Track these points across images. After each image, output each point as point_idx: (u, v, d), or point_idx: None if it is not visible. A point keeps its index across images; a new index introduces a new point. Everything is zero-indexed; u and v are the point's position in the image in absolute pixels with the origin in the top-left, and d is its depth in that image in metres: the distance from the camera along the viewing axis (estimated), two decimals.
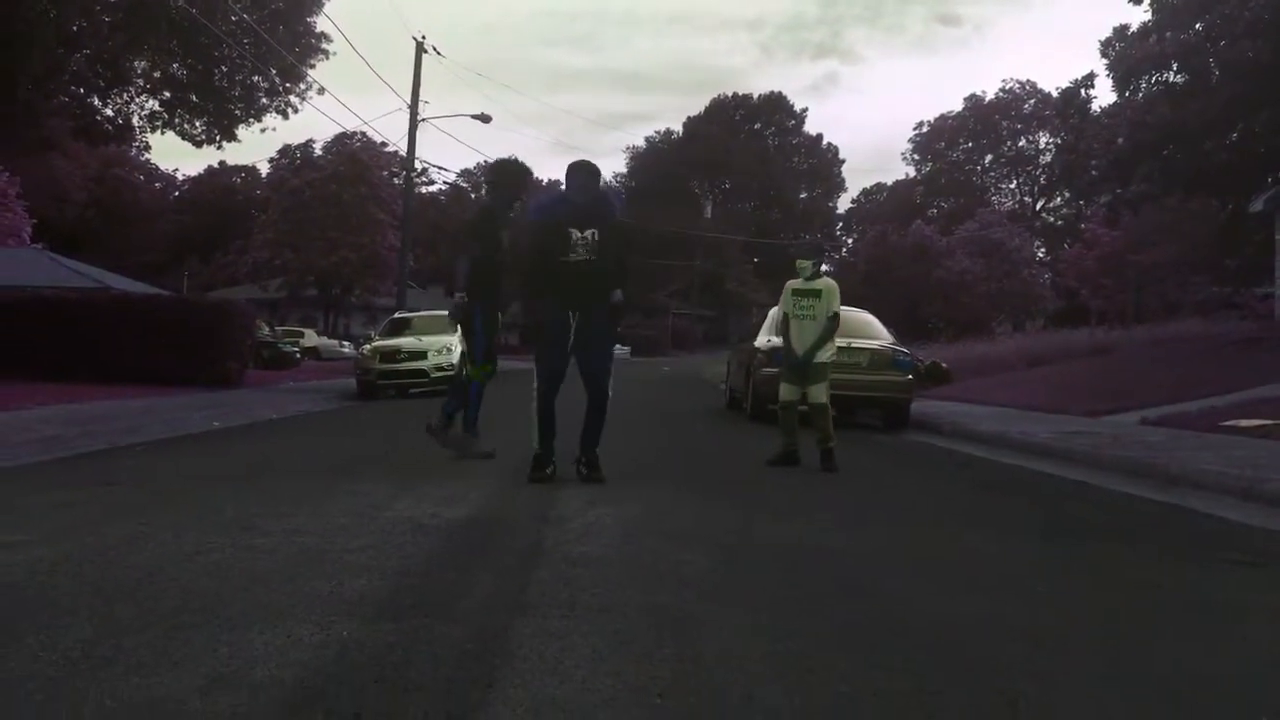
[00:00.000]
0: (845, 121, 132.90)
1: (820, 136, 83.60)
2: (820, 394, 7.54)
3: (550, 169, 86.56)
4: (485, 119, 30.12)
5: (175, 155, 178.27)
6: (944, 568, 3.97)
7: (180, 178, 73.27)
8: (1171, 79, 22.99)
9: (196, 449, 8.33)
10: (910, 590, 3.52)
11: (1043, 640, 2.89)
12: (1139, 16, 23.41)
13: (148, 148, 54.20)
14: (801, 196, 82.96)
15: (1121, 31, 25.16)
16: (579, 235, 6.24)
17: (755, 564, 3.92)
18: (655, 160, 77.90)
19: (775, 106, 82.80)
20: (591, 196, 6.37)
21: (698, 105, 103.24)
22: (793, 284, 7.77)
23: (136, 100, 23.90)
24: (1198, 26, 22.13)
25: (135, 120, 24.12)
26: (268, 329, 31.71)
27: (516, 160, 8.14)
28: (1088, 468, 7.78)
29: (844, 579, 3.69)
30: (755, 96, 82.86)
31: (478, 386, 7.39)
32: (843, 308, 7.91)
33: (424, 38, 28.93)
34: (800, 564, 3.95)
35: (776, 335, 12.39)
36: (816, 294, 7.60)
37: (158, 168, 70.07)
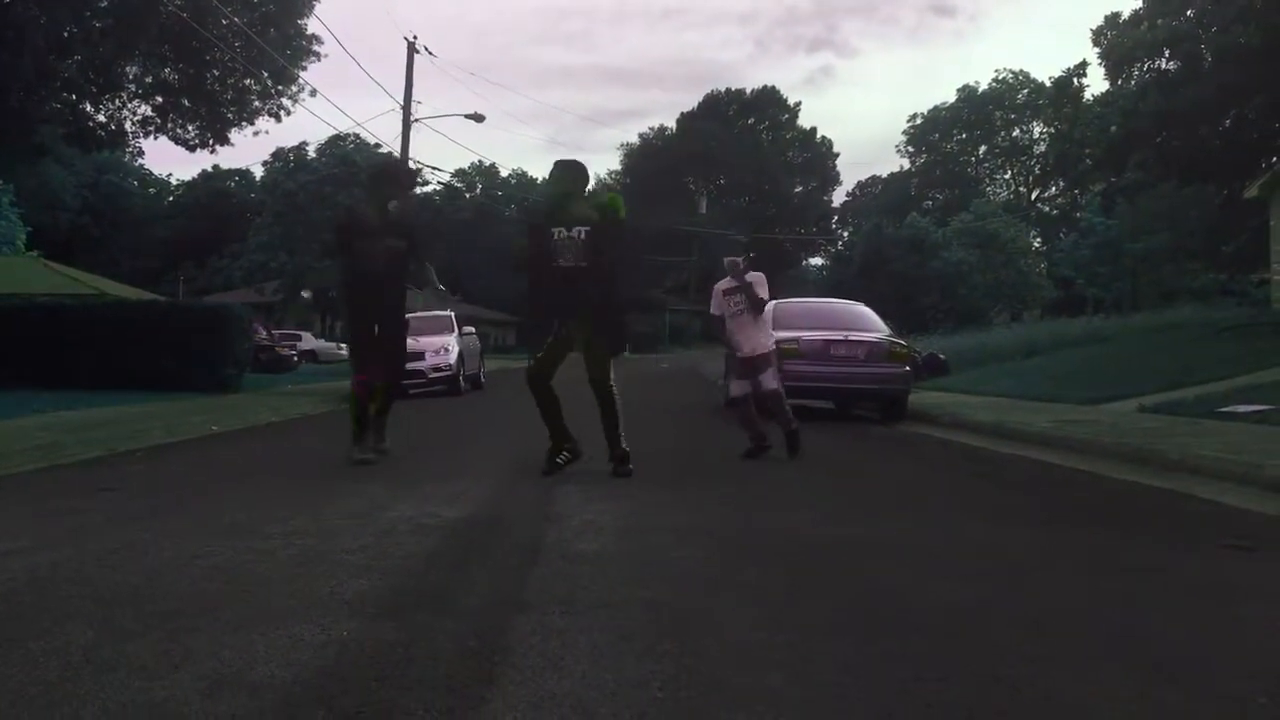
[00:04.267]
0: (840, 114, 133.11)
1: (814, 130, 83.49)
2: (770, 380, 7.63)
3: (544, 167, 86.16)
4: (478, 118, 30.09)
5: (169, 160, 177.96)
6: (943, 556, 3.97)
7: (174, 182, 73.17)
8: (1164, 66, 23.02)
9: (195, 454, 8.32)
10: (909, 579, 3.52)
11: (1042, 626, 2.90)
12: (1131, 4, 23.54)
13: (141, 153, 54.22)
14: (796, 190, 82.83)
15: (1113, 19, 25.21)
16: (564, 235, 6.19)
17: (754, 557, 3.93)
18: (650, 157, 77.81)
19: (768, 101, 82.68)
20: (573, 193, 6.35)
21: (691, 101, 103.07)
22: (721, 285, 7.94)
23: (129, 105, 23.79)
24: (1189, 13, 22.17)
25: (128, 125, 24.00)
26: (265, 333, 31.70)
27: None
28: (1086, 455, 7.79)
29: (843, 570, 3.70)
30: (748, 91, 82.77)
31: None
32: (841, 300, 8.03)
33: (415, 38, 28.92)
34: (799, 556, 3.96)
35: (774, 330, 12.42)
36: (747, 287, 7.68)
37: (151, 173, 70.06)
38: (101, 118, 23.24)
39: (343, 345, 40.68)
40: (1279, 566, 3.95)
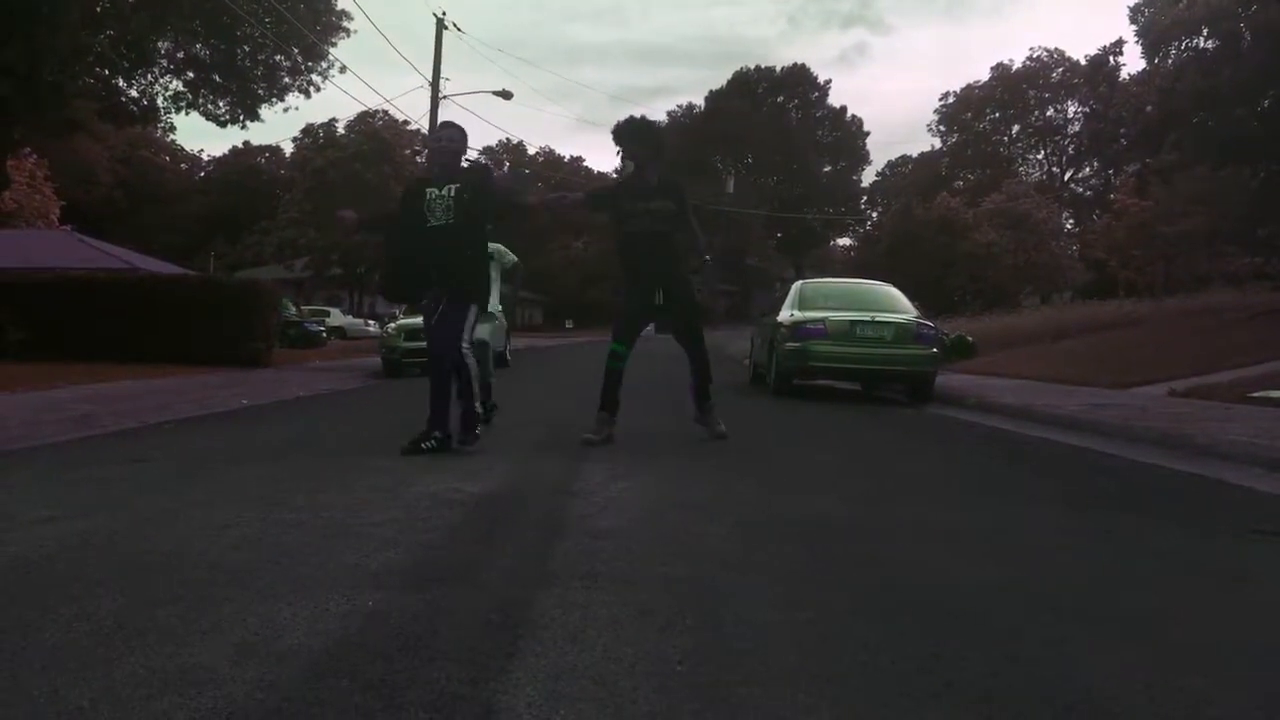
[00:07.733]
0: (871, 93, 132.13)
1: (844, 109, 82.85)
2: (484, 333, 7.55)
3: (572, 146, 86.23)
4: (506, 95, 30.10)
5: (200, 136, 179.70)
6: (966, 538, 3.97)
7: (205, 158, 73.87)
8: (1201, 45, 22.62)
9: (225, 427, 8.43)
10: (931, 560, 3.52)
11: (1063, 609, 2.89)
12: None
13: (173, 129, 54.51)
14: (825, 170, 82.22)
15: None
16: (435, 194, 6.15)
17: (775, 535, 3.93)
18: (677, 135, 77.29)
19: (798, 79, 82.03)
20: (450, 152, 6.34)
21: (720, 78, 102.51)
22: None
23: (160, 81, 23.98)
24: None
25: (160, 101, 24.17)
26: (294, 308, 31.96)
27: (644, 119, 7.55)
28: (1115, 439, 7.73)
29: (864, 549, 3.70)
30: (778, 69, 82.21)
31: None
32: (868, 281, 7.99)
33: (444, 14, 28.96)
34: (820, 535, 3.96)
35: (800, 310, 12.38)
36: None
37: (183, 148, 70.67)
38: (134, 93, 23.42)
39: (370, 322, 40.92)
40: None
